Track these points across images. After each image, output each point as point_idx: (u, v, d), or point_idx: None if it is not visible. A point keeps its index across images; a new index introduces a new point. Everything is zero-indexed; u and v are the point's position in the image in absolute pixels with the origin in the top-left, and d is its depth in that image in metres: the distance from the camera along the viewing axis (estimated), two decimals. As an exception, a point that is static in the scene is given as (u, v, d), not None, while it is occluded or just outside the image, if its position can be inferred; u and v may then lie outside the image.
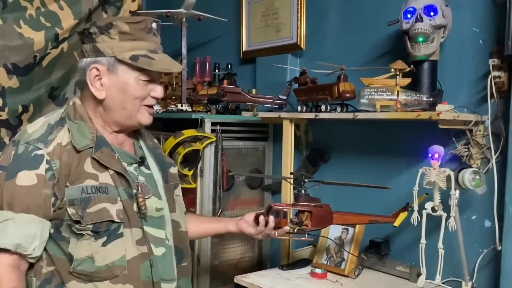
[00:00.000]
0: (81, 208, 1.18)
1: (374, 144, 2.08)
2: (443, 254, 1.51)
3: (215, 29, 2.82)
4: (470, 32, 1.75)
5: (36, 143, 1.19)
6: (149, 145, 1.43)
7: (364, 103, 1.71)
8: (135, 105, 1.26)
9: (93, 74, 1.24)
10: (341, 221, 1.69)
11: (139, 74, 1.24)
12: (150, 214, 1.29)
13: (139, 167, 1.33)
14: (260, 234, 1.58)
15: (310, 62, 2.18)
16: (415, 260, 1.87)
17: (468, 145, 1.72)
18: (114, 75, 1.23)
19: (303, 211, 1.59)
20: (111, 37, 1.22)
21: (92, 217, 1.19)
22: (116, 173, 1.24)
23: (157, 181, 1.36)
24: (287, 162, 2.06)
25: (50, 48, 2.10)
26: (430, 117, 1.53)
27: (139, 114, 1.28)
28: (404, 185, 1.94)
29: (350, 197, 2.12)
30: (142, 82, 1.25)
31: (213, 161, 2.21)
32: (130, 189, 1.26)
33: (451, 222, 1.50)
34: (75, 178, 1.20)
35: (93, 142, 1.23)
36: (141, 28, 1.24)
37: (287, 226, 1.57)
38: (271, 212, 1.57)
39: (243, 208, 2.36)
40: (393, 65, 1.66)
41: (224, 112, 2.31)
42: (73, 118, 1.25)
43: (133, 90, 1.24)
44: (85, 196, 1.19)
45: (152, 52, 1.25)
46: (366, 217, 1.70)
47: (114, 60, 1.22)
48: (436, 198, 1.53)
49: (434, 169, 1.51)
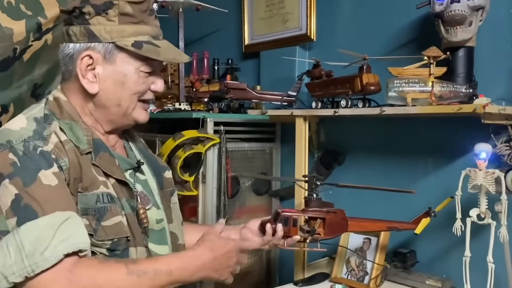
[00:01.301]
0: (95, 219, 0.99)
1: (396, 143, 1.89)
2: (493, 269, 1.31)
3: (213, 21, 2.64)
4: (508, 15, 1.58)
5: (35, 141, 0.98)
6: (140, 147, 1.25)
7: (392, 96, 1.51)
8: (132, 101, 1.08)
9: (85, 63, 1.04)
10: (357, 228, 1.51)
11: (141, 64, 1.06)
12: (151, 227, 1.11)
13: (134, 173, 1.15)
14: (266, 244, 1.39)
15: (322, 55, 1.99)
16: (446, 272, 1.70)
17: (509, 142, 1.53)
18: (111, 65, 1.05)
19: (315, 218, 1.41)
20: (109, 19, 1.03)
21: (107, 231, 1.00)
22: (117, 181, 1.06)
23: (152, 188, 1.18)
24: (301, 165, 1.85)
25: (32, 39, 1.88)
26: (474, 110, 1.33)
27: (135, 112, 1.11)
28: (432, 189, 1.77)
29: (369, 203, 1.93)
30: (143, 74, 1.07)
31: (217, 165, 2.02)
32: (132, 200, 1.08)
33: (503, 231, 1.30)
34: (88, 184, 1.01)
35: (90, 146, 1.04)
36: (144, 9, 1.06)
37: (297, 235, 1.38)
38: (279, 220, 1.38)
39: (250, 217, 2.16)
40: (426, 52, 1.46)
41: (228, 110, 2.10)
42: (60, 117, 1.05)
43: (132, 83, 1.06)
44: (101, 206, 1.00)
45: (155, 39, 1.08)
46: (385, 224, 1.51)
47: (113, 47, 1.04)
48: (483, 204, 1.34)
49: (481, 171, 1.31)
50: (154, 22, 1.09)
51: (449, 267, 1.70)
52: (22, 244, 0.89)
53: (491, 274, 1.31)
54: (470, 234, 1.37)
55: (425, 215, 1.52)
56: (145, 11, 1.06)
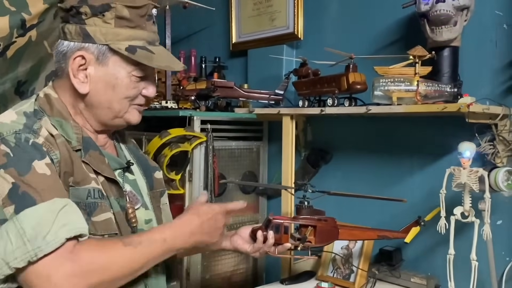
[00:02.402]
0: (86, 214, 0.99)
1: (381, 142, 1.90)
2: (476, 267, 1.32)
3: (201, 19, 2.63)
4: (493, 16, 1.59)
5: (25, 133, 0.98)
6: (130, 147, 1.25)
7: (378, 95, 1.52)
8: (123, 104, 1.08)
9: (78, 63, 1.04)
10: (348, 236, 1.55)
11: (133, 68, 1.06)
12: (140, 228, 1.11)
13: (124, 173, 1.14)
14: (257, 251, 1.40)
15: (309, 53, 1.99)
16: (431, 270, 1.72)
17: (493, 142, 1.54)
18: (103, 67, 1.05)
19: (306, 226, 1.42)
20: (105, 21, 1.03)
21: (97, 227, 1.00)
22: (106, 180, 1.06)
23: (142, 189, 1.18)
24: (288, 164, 1.85)
25: (16, 36, 1.85)
26: (459, 110, 1.34)
27: (128, 114, 1.11)
28: (417, 187, 1.78)
29: (354, 201, 1.93)
30: (134, 79, 1.07)
31: (203, 163, 2.02)
32: (122, 199, 1.08)
33: (486, 229, 1.31)
34: (80, 178, 1.01)
35: (80, 144, 1.04)
36: (142, 14, 1.06)
37: (288, 242, 1.39)
38: (270, 227, 1.38)
39: (237, 215, 2.17)
40: (412, 51, 1.47)
41: (215, 109, 2.10)
42: (50, 114, 1.05)
43: (123, 87, 1.06)
44: (92, 201, 1.01)
45: (150, 44, 1.08)
46: (375, 232, 1.55)
47: (106, 49, 1.04)
48: (467, 202, 1.35)
49: (465, 169, 1.32)
50: (152, 27, 1.09)
51: (434, 265, 1.71)
52: (23, 230, 0.89)
53: (474, 272, 1.32)
54: (454, 232, 1.38)
55: (414, 224, 1.55)
56: (143, 16, 1.06)
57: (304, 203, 1.46)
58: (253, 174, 2.24)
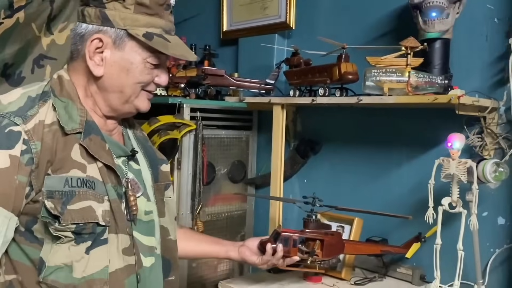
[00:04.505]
0: (61, 203, 0.98)
1: (371, 133, 1.91)
2: (462, 257, 1.34)
3: (192, 6, 2.59)
4: (484, 9, 1.60)
5: (13, 117, 0.97)
6: (139, 137, 1.24)
7: (369, 85, 1.52)
8: (135, 89, 1.09)
9: (95, 45, 1.04)
10: (353, 251, 1.60)
11: (149, 55, 1.07)
12: (139, 217, 1.10)
13: (128, 161, 1.14)
14: (265, 263, 1.42)
15: (301, 43, 1.98)
16: (417, 260, 1.73)
17: (481, 134, 1.56)
18: (120, 51, 1.05)
19: (314, 239, 1.45)
20: (125, 6, 1.03)
21: (73, 216, 0.98)
22: (105, 166, 1.05)
23: (146, 180, 1.17)
24: (277, 153, 1.85)
25: (3, 17, 1.81)
26: (449, 101, 1.35)
27: (138, 100, 1.10)
28: (406, 178, 1.79)
29: (345, 191, 1.95)
30: (149, 65, 1.08)
31: (193, 151, 2.01)
32: (120, 187, 1.07)
33: (473, 220, 1.33)
34: (59, 166, 1.00)
35: (82, 126, 1.04)
36: (161, 2, 1.07)
37: (297, 255, 1.42)
38: (279, 240, 1.40)
39: (225, 204, 2.16)
40: (404, 42, 1.47)
41: (205, 97, 2.08)
42: (58, 95, 1.05)
43: (138, 72, 1.07)
44: (69, 190, 0.99)
45: (166, 33, 1.08)
46: (378, 247, 1.62)
47: (124, 34, 1.04)
48: (455, 193, 1.36)
49: (453, 160, 1.33)
50: (169, 17, 1.10)
51: (420, 256, 1.72)
52: None
53: (460, 261, 1.34)
54: (442, 222, 1.40)
55: (415, 240, 1.59)
56: (161, 4, 1.07)
57: (312, 216, 1.50)
58: (242, 164, 2.24)
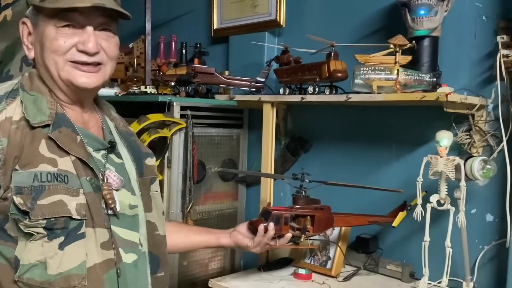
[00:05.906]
0: (30, 198, 0.96)
1: (361, 131, 1.91)
2: (451, 253, 1.35)
3: (182, 4, 2.59)
4: (473, 7, 1.60)
5: None
6: (122, 131, 1.20)
7: (358, 83, 1.52)
8: (55, 61, 1.03)
9: (25, 31, 1.07)
10: (342, 223, 1.60)
11: (56, 20, 1.01)
12: (122, 212, 1.07)
13: (108, 154, 1.11)
14: (258, 246, 1.40)
15: (291, 41, 1.98)
16: (406, 257, 1.74)
17: (469, 132, 1.57)
18: (36, 29, 1.05)
19: (304, 215, 1.44)
20: None
21: (43, 210, 0.96)
22: (78, 159, 1.02)
23: (130, 174, 1.14)
24: (268, 151, 1.85)
25: (-10, 15, 1.81)
26: (437, 99, 1.36)
27: (65, 73, 1.04)
28: (395, 176, 1.80)
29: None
30: (61, 32, 1.01)
31: (183, 150, 2.00)
32: (97, 180, 1.04)
33: (461, 217, 1.33)
34: (27, 161, 0.97)
35: (51, 119, 1.02)
36: None
37: (289, 233, 1.41)
38: (270, 218, 1.38)
39: (215, 202, 2.16)
40: (392, 40, 1.48)
41: (195, 95, 2.07)
42: (28, 90, 1.04)
43: (49, 41, 1.02)
44: (38, 185, 0.96)
45: None
46: (366, 218, 1.61)
47: (32, 9, 1.05)
48: (443, 190, 1.37)
49: (442, 158, 1.34)
50: None
51: (409, 253, 1.73)
52: None
53: (448, 258, 1.35)
54: (430, 219, 1.41)
55: (401, 209, 1.58)
56: None
57: (301, 192, 1.49)
58: (233, 162, 2.23)
